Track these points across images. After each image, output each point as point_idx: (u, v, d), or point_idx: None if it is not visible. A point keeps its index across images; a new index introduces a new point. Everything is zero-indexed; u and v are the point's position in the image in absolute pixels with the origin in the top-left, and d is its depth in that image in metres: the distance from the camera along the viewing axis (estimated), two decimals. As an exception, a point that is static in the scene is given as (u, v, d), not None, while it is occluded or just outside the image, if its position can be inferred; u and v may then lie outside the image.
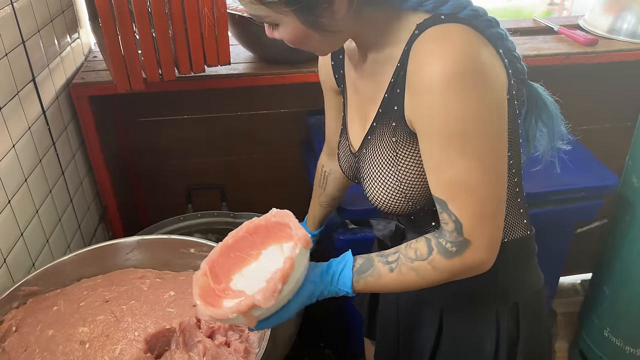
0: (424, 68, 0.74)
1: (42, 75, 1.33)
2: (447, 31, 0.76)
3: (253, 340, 1.02)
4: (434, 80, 0.73)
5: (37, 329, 1.02)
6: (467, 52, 0.73)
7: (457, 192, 0.78)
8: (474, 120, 0.74)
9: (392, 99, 0.84)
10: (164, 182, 1.98)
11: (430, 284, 0.85)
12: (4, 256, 1.11)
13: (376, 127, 0.89)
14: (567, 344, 2.10)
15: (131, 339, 0.98)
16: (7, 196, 1.13)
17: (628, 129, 1.76)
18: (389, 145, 0.87)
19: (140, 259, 1.23)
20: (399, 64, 0.81)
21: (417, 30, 0.78)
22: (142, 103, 1.79)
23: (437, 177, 0.80)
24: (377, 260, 0.86)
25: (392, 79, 0.83)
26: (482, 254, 0.82)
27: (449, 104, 0.73)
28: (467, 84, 0.73)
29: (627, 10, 1.75)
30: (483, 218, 0.80)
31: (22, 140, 1.21)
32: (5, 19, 1.14)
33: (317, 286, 0.84)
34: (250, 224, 0.89)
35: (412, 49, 0.77)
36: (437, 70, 0.72)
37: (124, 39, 1.31)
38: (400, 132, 0.85)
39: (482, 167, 0.77)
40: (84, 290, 1.11)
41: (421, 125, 0.79)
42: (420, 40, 0.77)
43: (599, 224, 2.00)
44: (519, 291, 1.00)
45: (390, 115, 0.85)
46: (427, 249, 0.83)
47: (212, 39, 1.39)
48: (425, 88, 0.74)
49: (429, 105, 0.75)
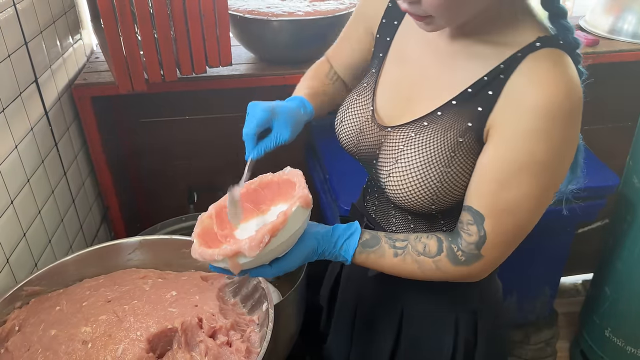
0: (540, 89, 0.72)
1: (45, 76, 1.34)
2: (565, 62, 0.75)
3: (255, 340, 1.03)
4: (546, 106, 0.72)
5: (40, 329, 1.02)
6: (577, 90, 0.74)
7: (505, 212, 0.78)
8: (561, 153, 0.76)
9: (479, 98, 0.79)
10: (166, 183, 1.99)
11: (429, 278, 0.86)
12: (6, 256, 1.12)
13: (440, 117, 0.83)
14: (568, 344, 2.10)
15: (133, 338, 0.98)
16: (9, 197, 1.14)
17: (629, 129, 1.77)
18: (450, 144, 0.82)
19: (142, 259, 1.23)
20: (502, 65, 0.77)
21: (539, 43, 0.76)
22: (144, 104, 1.80)
23: (493, 192, 0.78)
24: (384, 241, 0.86)
25: (486, 77, 0.79)
26: (487, 267, 0.84)
27: (549, 133, 0.73)
28: (569, 122, 0.74)
29: (627, 11, 1.75)
30: (509, 242, 0.81)
31: (24, 141, 1.22)
32: (7, 20, 1.15)
33: (320, 243, 0.84)
34: (263, 178, 0.90)
35: (527, 59, 0.75)
36: (554, 99, 0.72)
37: (126, 40, 1.31)
38: (471, 135, 0.80)
39: (541, 198, 0.78)
40: (87, 290, 1.11)
41: (506, 139, 0.76)
42: (538, 55, 0.75)
43: (600, 224, 2.01)
44: (480, 298, 1.01)
45: (469, 113, 0.80)
46: (437, 249, 0.84)
47: (214, 39, 1.40)
48: (533, 108, 0.72)
49: (530, 126, 0.73)
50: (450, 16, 0.75)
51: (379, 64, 0.96)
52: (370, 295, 1.09)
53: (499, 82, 0.77)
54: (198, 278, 1.16)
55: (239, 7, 1.56)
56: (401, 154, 0.86)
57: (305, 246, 0.83)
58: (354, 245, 0.85)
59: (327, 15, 1.53)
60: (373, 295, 1.08)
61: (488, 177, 0.78)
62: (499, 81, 0.77)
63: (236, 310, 1.10)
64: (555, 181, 0.78)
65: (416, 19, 0.77)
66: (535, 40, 0.76)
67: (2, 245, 1.10)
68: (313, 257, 0.85)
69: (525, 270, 1.80)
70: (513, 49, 0.77)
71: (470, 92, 0.80)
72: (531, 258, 1.77)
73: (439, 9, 0.72)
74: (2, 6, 1.12)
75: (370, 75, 0.97)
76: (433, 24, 0.77)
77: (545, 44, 0.76)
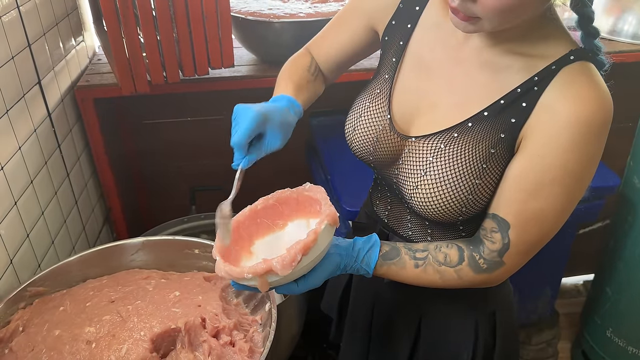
0: (575, 104, 0.73)
1: (48, 78, 1.35)
2: (597, 75, 0.76)
3: (257, 340, 1.03)
4: (581, 121, 0.72)
5: (44, 329, 1.03)
6: (610, 103, 0.75)
7: (531, 222, 0.79)
8: (591, 166, 0.77)
9: (512, 110, 0.78)
10: (168, 184, 1.99)
11: (449, 287, 0.87)
12: (10, 257, 1.12)
13: (471, 128, 0.81)
14: (569, 345, 2.10)
15: (137, 338, 0.98)
16: (13, 198, 1.14)
17: (629, 129, 1.77)
18: (482, 155, 0.80)
19: (145, 260, 1.24)
20: (536, 77, 0.77)
21: (573, 56, 0.76)
22: (146, 105, 1.80)
23: (522, 201, 0.78)
24: (404, 252, 0.86)
25: (519, 89, 0.78)
26: (506, 276, 0.85)
27: (583, 146, 0.74)
28: (601, 135, 0.75)
29: (628, 12, 1.76)
30: (531, 250, 0.82)
31: (28, 142, 1.22)
32: (11, 22, 1.15)
33: (342, 259, 0.85)
34: (281, 194, 0.90)
35: (562, 72, 0.75)
36: (588, 114, 0.72)
37: (129, 42, 1.32)
38: (504, 147, 0.79)
39: (567, 207, 0.79)
40: (90, 291, 1.12)
41: (540, 150, 0.76)
42: (572, 69, 0.75)
43: (601, 225, 2.01)
44: (497, 301, 1.02)
45: (502, 124, 0.79)
46: (458, 258, 0.84)
47: (216, 41, 1.40)
48: (567, 123, 0.73)
49: (565, 140, 0.73)
50: (500, 21, 0.73)
51: (392, 69, 0.92)
52: (386, 302, 1.08)
53: (533, 94, 0.76)
54: (201, 278, 1.17)
55: (241, 9, 1.57)
56: (430, 166, 0.84)
57: (330, 263, 0.84)
58: (375, 259, 0.85)
59: (329, 16, 1.54)
60: (389, 301, 1.07)
61: (518, 187, 0.78)
62: (533, 93, 0.76)
63: (239, 311, 1.11)
64: (582, 191, 0.79)
65: (462, 18, 0.74)
66: (569, 53, 0.76)
67: (6, 246, 1.10)
68: (336, 273, 0.86)
69: (526, 270, 1.79)
70: (546, 62, 0.77)
71: (502, 103, 0.79)
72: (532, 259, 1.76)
73: (494, 12, 0.70)
74: (6, 8, 1.13)
75: (383, 82, 0.93)
76: (476, 26, 0.74)
77: (579, 57, 0.76)
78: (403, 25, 0.91)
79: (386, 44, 0.94)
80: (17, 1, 1.18)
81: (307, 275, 0.82)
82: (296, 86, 0.99)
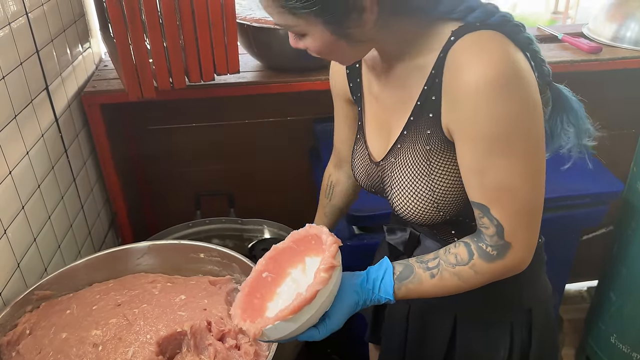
0: (465, 74, 0.75)
1: (55, 83, 1.36)
2: (483, 38, 0.77)
3: (263, 344, 1.04)
4: (477, 86, 0.74)
5: (51, 332, 1.04)
6: (506, 57, 0.75)
7: (500, 195, 0.80)
8: (518, 122, 0.76)
9: (426, 106, 0.84)
10: (173, 189, 2.00)
11: (472, 286, 0.87)
12: (17, 261, 1.13)
13: (407, 136, 0.89)
14: (573, 351, 2.10)
15: (143, 341, 0.99)
16: (21, 202, 1.15)
17: (633, 135, 1.77)
18: (421, 154, 0.87)
19: (151, 264, 1.25)
20: (433, 71, 0.81)
21: (453, 37, 0.78)
22: (152, 111, 1.82)
23: (479, 182, 0.80)
24: (417, 267, 0.87)
25: (425, 87, 0.83)
26: (522, 254, 0.84)
27: (494, 107, 0.74)
28: (510, 88, 0.74)
29: (630, 19, 1.77)
30: (523, 220, 0.82)
31: (35, 147, 1.23)
32: (20, 29, 1.17)
33: (359, 296, 0.86)
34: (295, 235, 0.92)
35: (449, 55, 0.78)
36: (480, 75, 0.73)
37: (136, 48, 1.34)
38: (435, 140, 0.84)
39: (525, 168, 0.78)
40: (97, 294, 1.13)
41: (463, 131, 0.79)
42: (457, 47, 0.78)
43: (605, 231, 2.01)
44: (533, 298, 1.02)
45: (424, 122, 0.85)
46: (468, 254, 0.85)
47: (222, 48, 1.42)
48: (467, 94, 0.75)
49: (473, 111, 0.75)
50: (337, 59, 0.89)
51: (361, 116, 1.03)
52: (421, 304, 1.08)
53: (436, 85, 0.81)
54: (206, 282, 1.18)
55: (247, 16, 1.58)
56: (393, 180, 0.92)
57: (347, 304, 0.85)
58: (391, 283, 0.86)
59: (333, 23, 1.55)
60: (424, 304, 1.06)
61: (470, 170, 0.81)
62: (436, 85, 0.81)
63: (244, 314, 1.11)
64: (533, 146, 0.78)
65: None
66: (450, 36, 0.79)
67: (14, 250, 1.12)
68: (357, 309, 0.86)
69: (530, 276, 1.80)
70: (436, 53, 0.80)
71: (419, 104, 0.85)
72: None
73: (320, 55, 0.84)
74: (15, 15, 1.15)
75: (359, 128, 1.04)
76: None
77: (459, 35, 0.78)
78: (355, 82, 1.02)
79: (355, 102, 1.05)
80: (26, 8, 1.20)
81: (327, 320, 0.84)
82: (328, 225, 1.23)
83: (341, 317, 0.84)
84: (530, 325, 1.03)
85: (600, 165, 1.69)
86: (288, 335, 0.82)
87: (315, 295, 0.78)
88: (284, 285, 0.91)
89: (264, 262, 0.92)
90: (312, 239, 0.90)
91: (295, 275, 0.91)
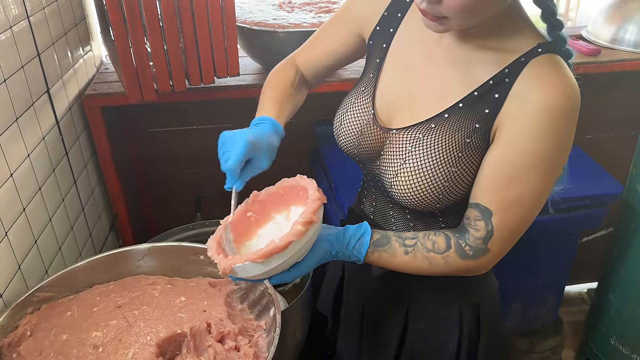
0: (542, 91, 0.78)
1: (56, 86, 1.37)
2: (564, 66, 0.80)
3: (262, 345, 1.04)
4: (553, 108, 0.77)
5: (52, 334, 1.04)
6: (576, 90, 0.79)
7: (512, 207, 0.83)
8: (564, 150, 0.81)
9: (485, 100, 0.83)
10: (174, 191, 2.01)
11: (437, 274, 0.90)
12: (18, 263, 1.14)
13: (448, 119, 0.87)
14: (573, 353, 2.10)
15: (143, 343, 0.99)
16: (22, 204, 1.16)
17: (632, 137, 1.78)
18: (458, 144, 0.85)
19: (152, 266, 1.25)
20: (506, 70, 0.81)
21: (541, 49, 0.80)
22: (153, 114, 1.82)
23: (499, 188, 0.82)
24: (394, 240, 0.89)
25: (491, 81, 0.83)
26: (492, 262, 0.88)
27: (554, 132, 0.78)
28: (571, 120, 0.79)
29: (629, 21, 1.77)
30: (514, 235, 0.85)
31: (36, 149, 1.24)
32: (21, 32, 1.17)
33: (333, 246, 0.87)
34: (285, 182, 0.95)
35: (531, 64, 0.80)
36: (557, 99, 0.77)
37: (136, 51, 1.34)
38: (479, 137, 0.84)
39: (544, 192, 0.83)
40: (97, 296, 1.13)
41: (514, 138, 0.80)
42: (541, 60, 0.80)
43: (604, 233, 2.01)
44: (481, 292, 1.06)
45: (476, 115, 0.84)
46: (445, 245, 0.87)
47: (222, 51, 1.42)
48: (536, 109, 0.78)
49: (534, 126, 0.78)
50: (466, 19, 0.78)
51: (376, 69, 0.99)
52: (376, 294, 1.12)
53: (504, 85, 0.81)
54: (206, 284, 1.18)
55: (247, 19, 1.59)
56: (409, 155, 0.89)
57: (319, 250, 0.86)
58: (366, 246, 0.88)
59: (333, 26, 1.55)
60: (379, 294, 1.11)
61: (497, 176, 0.82)
62: (504, 85, 0.81)
63: (244, 316, 1.12)
64: (556, 175, 0.83)
65: (430, 19, 0.80)
66: (537, 46, 0.81)
67: (15, 252, 1.12)
68: (326, 259, 0.88)
69: (530, 278, 1.81)
70: (515, 55, 0.81)
71: (476, 95, 0.84)
72: (536, 266, 1.77)
73: (459, 11, 0.76)
74: (16, 18, 1.15)
75: (368, 80, 1.00)
76: (445, 25, 0.80)
77: (546, 50, 0.81)
78: (386, 30, 0.98)
79: (371, 47, 1.00)
80: (27, 12, 1.20)
81: (298, 264, 0.85)
82: (279, 106, 1.05)
83: (311, 263, 0.86)
84: (478, 319, 1.06)
85: (600, 167, 1.69)
86: (257, 277, 0.83)
87: (287, 246, 0.79)
88: (265, 227, 0.92)
89: (250, 202, 0.93)
90: (300, 190, 0.91)
91: (279, 220, 0.93)
